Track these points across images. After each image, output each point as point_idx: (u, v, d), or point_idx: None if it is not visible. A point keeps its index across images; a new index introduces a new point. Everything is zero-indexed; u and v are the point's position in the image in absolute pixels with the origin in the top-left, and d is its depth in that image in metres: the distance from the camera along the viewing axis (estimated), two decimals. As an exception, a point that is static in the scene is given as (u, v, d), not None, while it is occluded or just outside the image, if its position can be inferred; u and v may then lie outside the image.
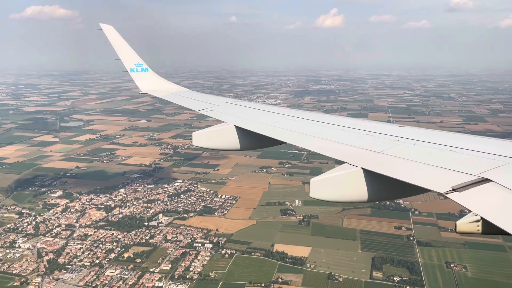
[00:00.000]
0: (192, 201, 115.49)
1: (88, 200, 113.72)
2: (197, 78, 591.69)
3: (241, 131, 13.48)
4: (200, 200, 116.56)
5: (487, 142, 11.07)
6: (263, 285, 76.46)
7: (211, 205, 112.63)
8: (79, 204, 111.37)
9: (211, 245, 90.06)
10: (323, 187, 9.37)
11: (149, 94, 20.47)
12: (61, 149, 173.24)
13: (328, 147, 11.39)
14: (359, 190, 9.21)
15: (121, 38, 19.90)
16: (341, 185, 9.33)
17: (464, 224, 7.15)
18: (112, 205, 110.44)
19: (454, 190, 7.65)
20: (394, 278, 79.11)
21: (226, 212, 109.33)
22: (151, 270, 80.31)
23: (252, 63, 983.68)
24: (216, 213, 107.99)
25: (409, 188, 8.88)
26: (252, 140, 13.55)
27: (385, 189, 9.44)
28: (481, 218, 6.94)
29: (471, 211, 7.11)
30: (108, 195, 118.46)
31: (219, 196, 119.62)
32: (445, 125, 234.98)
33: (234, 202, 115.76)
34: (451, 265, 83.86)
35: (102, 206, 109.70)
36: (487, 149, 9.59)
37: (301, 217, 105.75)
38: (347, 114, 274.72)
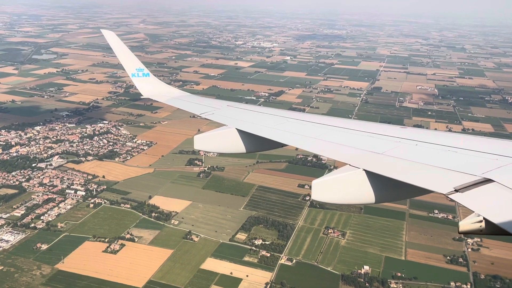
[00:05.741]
0: (102, 144, 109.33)
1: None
2: (208, 17, 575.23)
3: (243, 134, 13.24)
4: (111, 143, 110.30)
5: (489, 142, 10.82)
6: (106, 240, 70.72)
7: (118, 150, 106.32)
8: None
9: (83, 193, 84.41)
10: (325, 189, 8.99)
11: (151, 98, 19.90)
12: (12, 82, 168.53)
13: (329, 148, 11.10)
14: (361, 192, 9.01)
15: (122, 43, 19.47)
16: (343, 187, 9.06)
17: (467, 224, 7.10)
18: (13, 143, 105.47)
19: (456, 190, 7.47)
20: (256, 242, 72.01)
21: (129, 158, 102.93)
22: (-1, 215, 75.59)
23: (274, 4, 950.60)
24: (116, 159, 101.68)
25: (411, 189, 8.77)
26: (254, 143, 13.33)
27: (387, 191, 9.15)
28: (484, 218, 6.87)
29: (473, 212, 7.00)
30: (20, 131, 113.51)
31: (135, 140, 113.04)
32: (436, 78, 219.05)
33: (146, 147, 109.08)
34: (329, 231, 76.13)
35: (2, 143, 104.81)
36: (489, 149, 9.46)
37: (205, 169, 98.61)
38: (338, 61, 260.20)
